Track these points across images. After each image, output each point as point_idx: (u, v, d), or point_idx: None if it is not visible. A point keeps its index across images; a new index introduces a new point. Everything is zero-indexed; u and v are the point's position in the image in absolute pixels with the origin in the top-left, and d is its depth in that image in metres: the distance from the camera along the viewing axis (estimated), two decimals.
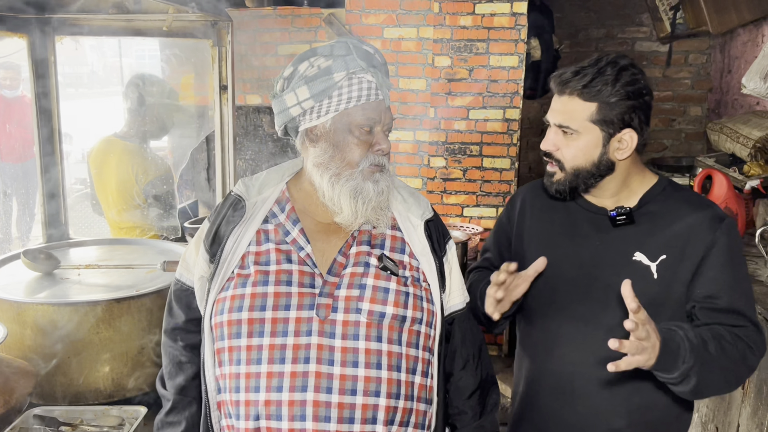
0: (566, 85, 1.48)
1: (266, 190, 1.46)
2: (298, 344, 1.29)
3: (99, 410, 1.82)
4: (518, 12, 3.73)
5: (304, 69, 1.35)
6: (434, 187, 4.00)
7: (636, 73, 1.46)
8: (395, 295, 1.34)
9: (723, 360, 1.37)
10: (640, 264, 1.49)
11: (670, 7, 4.55)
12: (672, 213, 1.51)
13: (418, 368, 1.37)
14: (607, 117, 1.45)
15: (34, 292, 1.95)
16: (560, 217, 1.62)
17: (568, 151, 1.51)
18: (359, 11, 3.90)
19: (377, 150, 1.35)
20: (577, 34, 5.23)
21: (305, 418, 1.26)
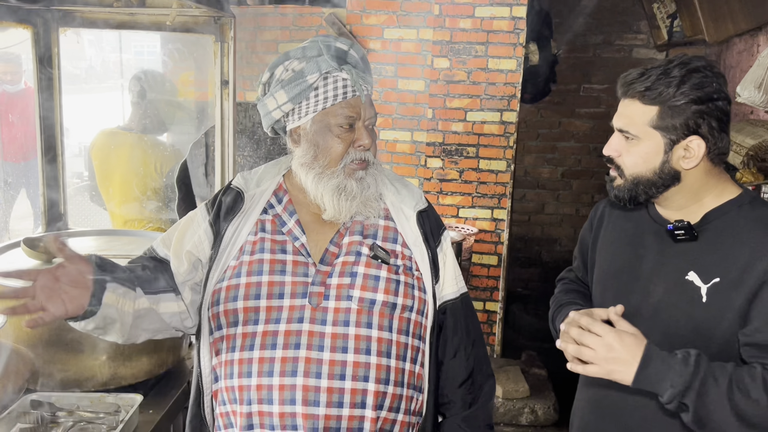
0: (629, 87, 1.39)
1: (264, 183, 1.50)
2: (290, 331, 1.33)
3: (95, 397, 1.84)
4: (517, 16, 3.78)
5: (280, 73, 1.39)
6: (431, 188, 4.04)
7: (708, 75, 1.34)
8: (386, 282, 1.38)
9: (737, 399, 1.25)
10: (692, 285, 1.37)
11: (667, 15, 4.60)
12: (738, 233, 1.36)
13: (408, 355, 1.40)
14: (670, 122, 1.34)
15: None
16: (630, 227, 1.54)
17: (628, 157, 1.41)
18: (360, 11, 3.94)
19: (358, 146, 1.38)
20: (575, 39, 5.28)
21: (295, 402, 1.30)
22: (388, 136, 4.08)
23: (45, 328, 1.87)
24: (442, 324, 1.51)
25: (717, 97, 1.34)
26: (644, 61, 5.21)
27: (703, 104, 1.33)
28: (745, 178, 3.53)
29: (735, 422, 1.27)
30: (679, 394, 1.27)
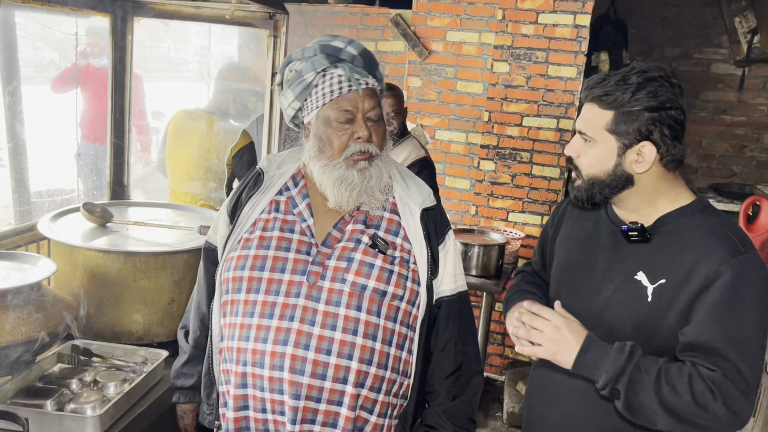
0: (589, 91, 1.45)
1: (285, 166, 1.62)
2: (287, 303, 1.44)
3: (129, 349, 2.05)
4: (581, 24, 3.76)
5: (286, 75, 1.51)
6: (482, 190, 4.08)
7: (664, 84, 1.38)
8: (379, 271, 1.46)
9: (664, 391, 1.33)
10: (640, 284, 1.44)
11: (748, 30, 4.42)
12: (687, 238, 1.41)
13: (394, 341, 1.48)
14: (624, 127, 1.39)
15: (87, 239, 2.22)
16: (589, 225, 1.60)
17: (585, 158, 1.47)
18: (425, 13, 4.04)
19: (357, 138, 1.45)
20: (651, 51, 5.15)
21: (283, 369, 1.41)
22: (443, 136, 4.16)
23: (92, 282, 2.10)
24: (436, 317, 1.57)
25: (670, 106, 1.37)
26: (723, 76, 5.02)
27: (656, 112, 1.37)
28: None
29: (661, 412, 1.34)
30: (612, 379, 1.35)
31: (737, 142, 5.07)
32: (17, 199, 2.54)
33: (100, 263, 2.09)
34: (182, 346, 1.80)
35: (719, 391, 1.31)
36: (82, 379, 1.89)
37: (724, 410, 1.31)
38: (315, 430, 1.44)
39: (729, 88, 5.01)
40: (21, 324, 1.78)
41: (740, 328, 1.33)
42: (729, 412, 1.31)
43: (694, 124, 5.14)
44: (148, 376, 1.92)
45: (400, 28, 4.06)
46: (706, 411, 1.32)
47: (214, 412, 1.61)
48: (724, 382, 1.31)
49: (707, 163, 5.16)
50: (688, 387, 1.32)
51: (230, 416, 1.50)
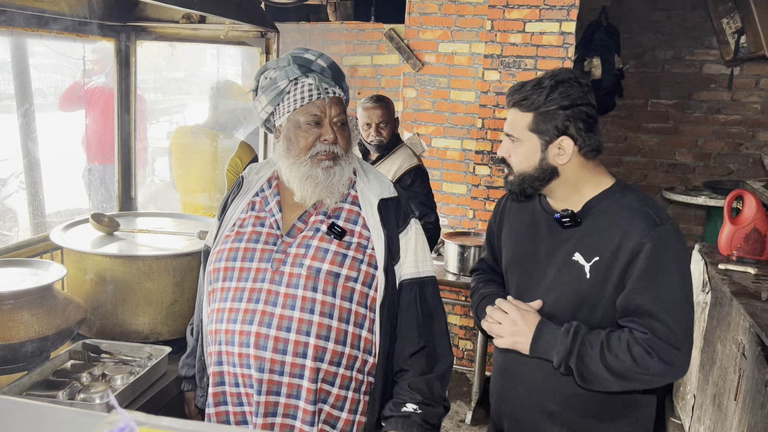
0: (511, 97, 1.63)
1: (262, 171, 1.82)
2: (254, 288, 1.62)
3: (135, 346, 2.21)
4: (567, 31, 3.90)
5: (261, 81, 1.68)
6: (478, 194, 4.22)
7: (573, 84, 1.56)
8: (333, 255, 1.62)
9: (608, 359, 1.51)
10: (577, 264, 1.60)
11: (735, 31, 4.53)
12: (611, 217, 1.59)
13: (352, 319, 1.62)
14: (542, 126, 1.57)
15: (95, 246, 2.39)
16: (527, 217, 1.76)
17: (514, 157, 1.64)
18: (417, 27, 4.21)
19: (323, 140, 1.62)
20: (643, 54, 5.27)
21: (249, 346, 1.58)
22: (439, 143, 4.31)
23: (100, 286, 2.27)
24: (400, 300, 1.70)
25: (581, 102, 1.56)
26: (715, 76, 5.12)
27: (569, 109, 1.56)
28: None
29: (610, 377, 1.54)
30: (563, 359, 1.55)
31: (732, 140, 5.16)
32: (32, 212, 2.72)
33: (107, 268, 2.25)
34: (189, 340, 2.00)
35: (653, 350, 1.50)
36: (92, 373, 2.04)
37: (661, 365, 1.50)
38: (280, 401, 1.60)
39: (722, 88, 5.11)
40: (35, 323, 1.95)
41: (665, 289, 1.51)
42: (665, 365, 1.50)
43: (689, 124, 5.23)
44: (152, 368, 2.07)
45: (394, 42, 4.23)
46: (647, 369, 1.50)
47: (205, 393, 1.76)
48: (656, 342, 1.50)
49: (704, 162, 5.25)
50: (628, 352, 1.51)
51: (210, 391, 1.66)
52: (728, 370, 2.68)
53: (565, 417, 1.67)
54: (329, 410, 1.64)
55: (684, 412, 3.35)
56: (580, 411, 1.66)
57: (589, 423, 1.67)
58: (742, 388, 2.47)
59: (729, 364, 2.67)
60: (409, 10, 4.21)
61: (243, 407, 1.65)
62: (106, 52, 4.36)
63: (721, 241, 3.28)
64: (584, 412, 1.66)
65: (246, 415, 1.65)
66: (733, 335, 2.65)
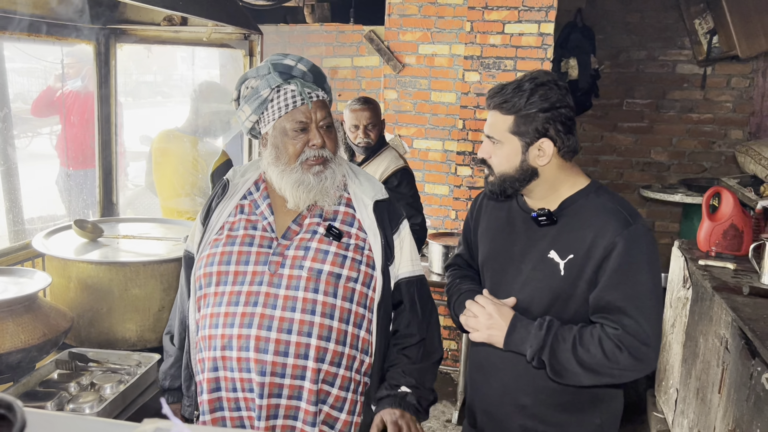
0: (491, 100, 1.64)
1: (247, 174, 1.79)
2: (251, 291, 1.60)
3: (123, 354, 2.18)
4: (545, 32, 3.94)
5: (243, 91, 1.67)
6: (460, 195, 4.24)
7: (553, 87, 1.58)
8: (333, 256, 1.62)
9: (579, 354, 1.55)
10: (552, 261, 1.63)
11: (707, 31, 4.63)
12: (586, 216, 1.62)
13: (352, 319, 1.63)
14: (523, 128, 1.59)
15: (79, 253, 2.34)
16: (503, 215, 1.79)
17: (495, 158, 1.65)
18: (397, 29, 4.22)
19: (312, 145, 1.62)
20: (618, 55, 5.35)
21: (249, 349, 1.56)
22: (420, 144, 4.32)
23: (85, 293, 2.23)
24: (398, 299, 1.73)
25: (560, 105, 1.59)
26: (688, 76, 5.22)
27: (549, 112, 1.58)
28: (767, 192, 3.55)
29: (581, 371, 1.58)
30: (536, 352, 1.59)
31: (705, 138, 5.26)
32: (11, 219, 2.66)
33: (92, 275, 2.21)
34: (168, 349, 1.93)
35: (623, 345, 1.54)
36: (80, 383, 2.00)
37: (631, 360, 1.54)
38: (282, 402, 1.59)
39: (694, 87, 5.21)
40: (20, 332, 1.91)
41: (636, 287, 1.56)
42: (635, 360, 1.54)
43: (663, 123, 5.33)
44: (142, 377, 2.04)
45: (374, 44, 4.23)
46: (617, 363, 1.54)
47: (193, 402, 1.74)
48: (626, 337, 1.54)
49: (678, 160, 5.35)
50: (599, 346, 1.55)
51: (205, 398, 1.64)
52: (711, 364, 2.73)
53: (537, 410, 1.71)
54: (328, 411, 1.63)
55: (667, 406, 3.41)
56: (551, 405, 1.70)
57: (560, 416, 1.70)
58: (726, 381, 2.52)
59: (712, 357, 2.72)
60: (389, 12, 4.21)
61: (241, 412, 1.63)
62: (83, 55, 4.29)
63: (700, 237, 3.34)
64: (555, 405, 1.70)
65: (244, 420, 1.63)
66: (716, 329, 2.70)
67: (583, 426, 1.71)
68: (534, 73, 1.63)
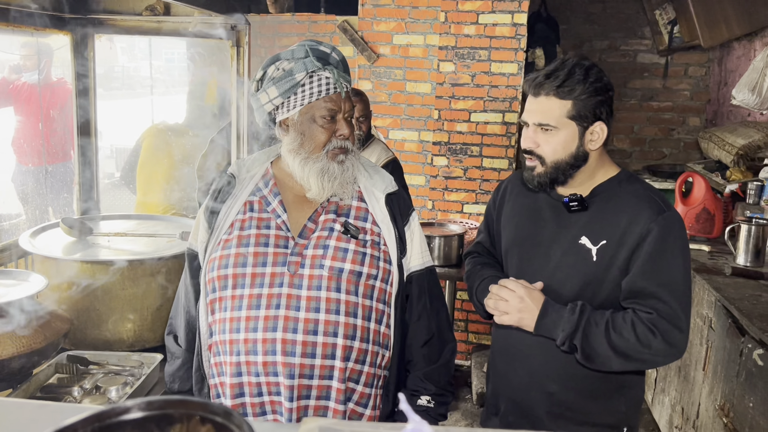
0: (541, 87, 1.61)
1: (254, 169, 1.73)
2: (272, 294, 1.56)
3: (123, 355, 2.11)
4: (518, 23, 3.99)
5: (272, 72, 1.59)
6: (437, 185, 4.26)
7: (600, 71, 1.61)
8: (353, 254, 1.60)
9: (612, 337, 1.56)
10: (584, 247, 1.64)
11: (668, 21, 4.77)
12: (619, 203, 1.64)
13: (373, 316, 1.62)
14: (581, 112, 1.58)
15: (70, 253, 2.26)
16: (529, 202, 1.78)
17: (548, 146, 1.63)
18: (371, 19, 4.19)
19: (339, 135, 1.59)
20: (581, 45, 5.47)
21: (275, 353, 1.53)
22: (396, 135, 4.32)
23: (81, 294, 2.15)
24: (409, 292, 1.72)
25: (609, 88, 1.62)
26: (648, 65, 5.38)
27: (602, 95, 1.60)
28: (734, 176, 3.71)
29: (613, 355, 1.58)
30: (568, 336, 1.59)
31: (665, 126, 5.44)
32: None
33: (87, 274, 2.13)
34: (174, 351, 1.87)
35: (657, 330, 1.55)
36: (83, 387, 1.94)
37: (663, 344, 1.55)
38: (311, 404, 1.57)
39: (654, 76, 5.37)
40: (21, 337, 1.83)
41: (669, 273, 1.58)
42: (667, 345, 1.56)
43: (625, 111, 5.48)
44: (148, 377, 1.99)
45: (348, 34, 4.20)
46: (650, 348, 1.56)
47: None
48: (660, 321, 1.56)
49: (640, 147, 5.52)
50: (633, 331, 1.56)
51: (228, 404, 1.60)
52: (694, 343, 2.84)
53: (564, 397, 1.72)
54: (354, 407, 1.63)
55: (646, 385, 3.53)
56: (578, 391, 1.70)
57: (587, 403, 1.72)
58: (711, 359, 2.63)
59: (695, 337, 2.84)
60: (362, 2, 4.18)
61: (266, 416, 1.60)
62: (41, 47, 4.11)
63: None
64: (583, 392, 1.70)
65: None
66: (698, 309, 2.81)
67: (609, 414, 1.73)
68: (575, 57, 1.62)
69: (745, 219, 2.98)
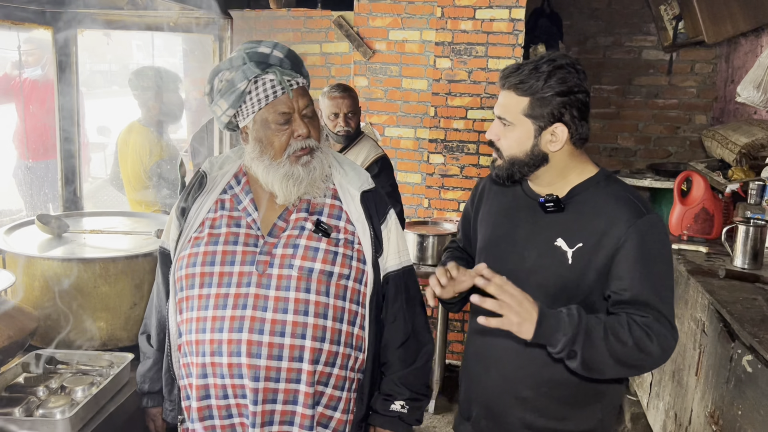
0: (506, 80, 1.57)
1: (226, 166, 1.69)
2: (239, 293, 1.52)
3: (93, 354, 2.07)
4: (516, 18, 3.92)
5: (217, 84, 1.56)
6: (433, 183, 4.20)
7: (571, 71, 1.53)
8: (324, 253, 1.55)
9: (611, 342, 1.47)
10: (560, 249, 1.59)
11: (673, 17, 4.67)
12: (597, 205, 1.58)
13: (345, 317, 1.57)
14: (538, 111, 1.53)
15: (44, 250, 2.23)
16: (506, 201, 1.74)
17: (505, 141, 1.59)
18: (367, 14, 4.14)
19: (297, 136, 1.53)
20: (585, 41, 5.37)
21: (241, 355, 1.49)
22: (392, 132, 4.27)
23: (52, 292, 2.12)
24: (386, 292, 1.67)
25: (578, 90, 1.54)
26: (653, 62, 5.27)
27: (566, 96, 1.53)
28: (735, 175, 3.61)
29: (611, 362, 1.50)
30: (570, 341, 1.47)
31: (671, 123, 5.33)
32: None
33: (59, 272, 2.10)
34: (146, 351, 1.84)
35: (653, 333, 1.49)
36: (49, 386, 1.90)
37: (658, 349, 1.50)
38: (277, 408, 1.53)
39: (659, 73, 5.26)
40: None
41: (657, 279, 1.54)
42: (661, 349, 1.50)
43: (630, 109, 5.38)
44: (116, 378, 1.94)
45: (344, 30, 4.15)
46: (645, 352, 1.49)
47: (176, 407, 1.66)
48: (654, 325, 1.50)
49: (645, 146, 5.41)
50: (630, 335, 1.49)
51: (194, 406, 1.56)
52: (687, 347, 2.76)
53: (538, 403, 1.67)
54: (322, 411, 1.58)
55: (641, 389, 3.45)
56: (553, 398, 1.66)
57: (562, 410, 1.66)
58: (703, 364, 2.55)
59: (688, 341, 2.75)
60: None
61: (232, 419, 1.56)
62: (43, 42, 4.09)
63: (672, 221, 3.38)
64: (557, 398, 1.66)
65: (236, 427, 1.56)
66: (692, 313, 2.73)
67: (584, 420, 1.67)
68: (552, 54, 1.56)
69: (743, 220, 2.88)
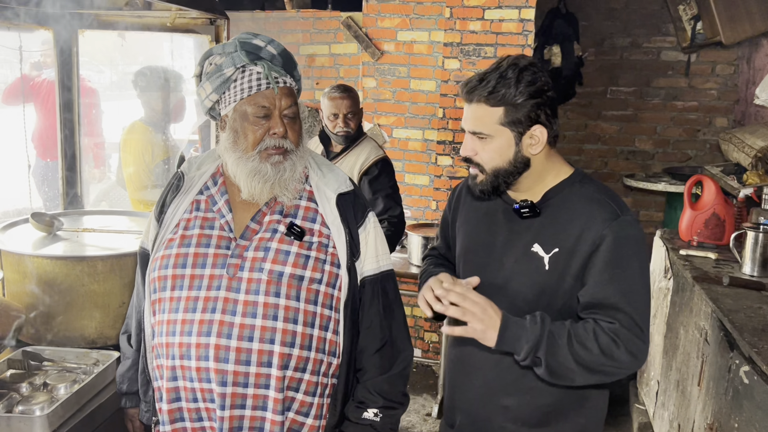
0: (473, 93, 1.52)
1: (204, 166, 1.67)
2: (209, 297, 1.50)
3: (81, 352, 2.09)
4: (526, 18, 3.86)
5: (206, 67, 1.54)
6: (441, 185, 4.16)
7: (536, 72, 1.50)
8: (295, 257, 1.52)
9: (576, 349, 1.44)
10: (536, 255, 1.55)
11: (691, 17, 4.56)
12: (572, 208, 1.55)
13: (317, 323, 1.53)
14: (515, 118, 1.50)
15: (36, 248, 2.25)
16: (483, 207, 1.70)
17: (485, 154, 1.55)
18: (375, 15, 4.12)
19: (273, 134, 1.50)
20: (602, 42, 5.27)
21: (208, 359, 1.47)
22: (400, 134, 4.24)
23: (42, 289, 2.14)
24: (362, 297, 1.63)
25: (547, 89, 1.51)
26: (672, 63, 5.15)
27: (539, 97, 1.50)
28: (750, 180, 3.50)
29: (577, 368, 1.47)
30: (533, 348, 1.45)
31: (690, 126, 5.21)
32: None
33: (49, 270, 2.12)
34: (125, 351, 1.84)
35: (620, 339, 1.45)
36: (32, 383, 1.92)
37: (626, 355, 1.46)
38: (246, 414, 1.50)
39: (679, 75, 5.15)
40: None
41: (628, 282, 1.49)
42: (630, 355, 1.46)
43: (648, 111, 5.27)
44: (98, 376, 1.95)
45: (352, 31, 4.14)
46: (613, 359, 1.46)
47: (151, 408, 1.66)
48: (622, 331, 1.46)
49: (663, 149, 5.29)
50: (595, 341, 1.46)
51: (165, 408, 1.55)
52: (691, 356, 2.68)
53: (520, 412, 1.63)
54: (294, 417, 1.56)
55: (648, 398, 3.36)
56: (535, 406, 1.62)
57: (544, 418, 1.63)
58: (705, 374, 2.47)
59: (692, 349, 2.67)
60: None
61: (203, 422, 1.55)
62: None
63: (681, 226, 3.29)
64: (539, 407, 1.62)
65: (206, 430, 1.55)
66: (696, 321, 2.65)
67: (568, 427, 1.63)
68: (511, 58, 1.53)
69: (752, 225, 2.79)
